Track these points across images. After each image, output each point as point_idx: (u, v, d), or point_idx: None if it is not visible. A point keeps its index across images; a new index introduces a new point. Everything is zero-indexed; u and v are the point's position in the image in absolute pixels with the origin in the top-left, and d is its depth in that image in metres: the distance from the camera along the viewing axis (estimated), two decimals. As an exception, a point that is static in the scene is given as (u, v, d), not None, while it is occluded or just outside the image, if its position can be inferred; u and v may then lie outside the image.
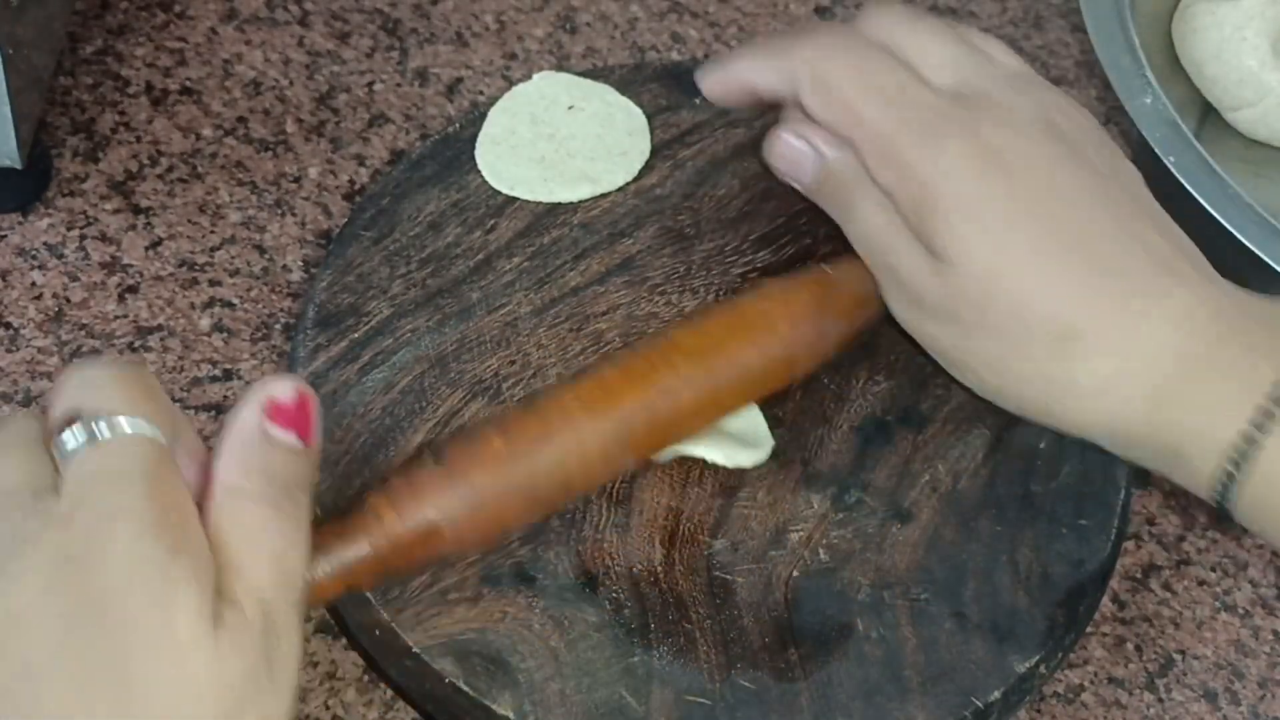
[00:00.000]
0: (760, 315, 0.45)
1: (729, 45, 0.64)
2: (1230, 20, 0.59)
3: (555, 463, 0.41)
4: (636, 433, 0.42)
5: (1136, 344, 0.41)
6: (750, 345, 0.44)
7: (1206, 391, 0.40)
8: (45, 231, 0.55)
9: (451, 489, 0.40)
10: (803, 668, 0.42)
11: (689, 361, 0.43)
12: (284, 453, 0.35)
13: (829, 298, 0.46)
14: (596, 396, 0.42)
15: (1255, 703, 0.48)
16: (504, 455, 0.40)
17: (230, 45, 0.61)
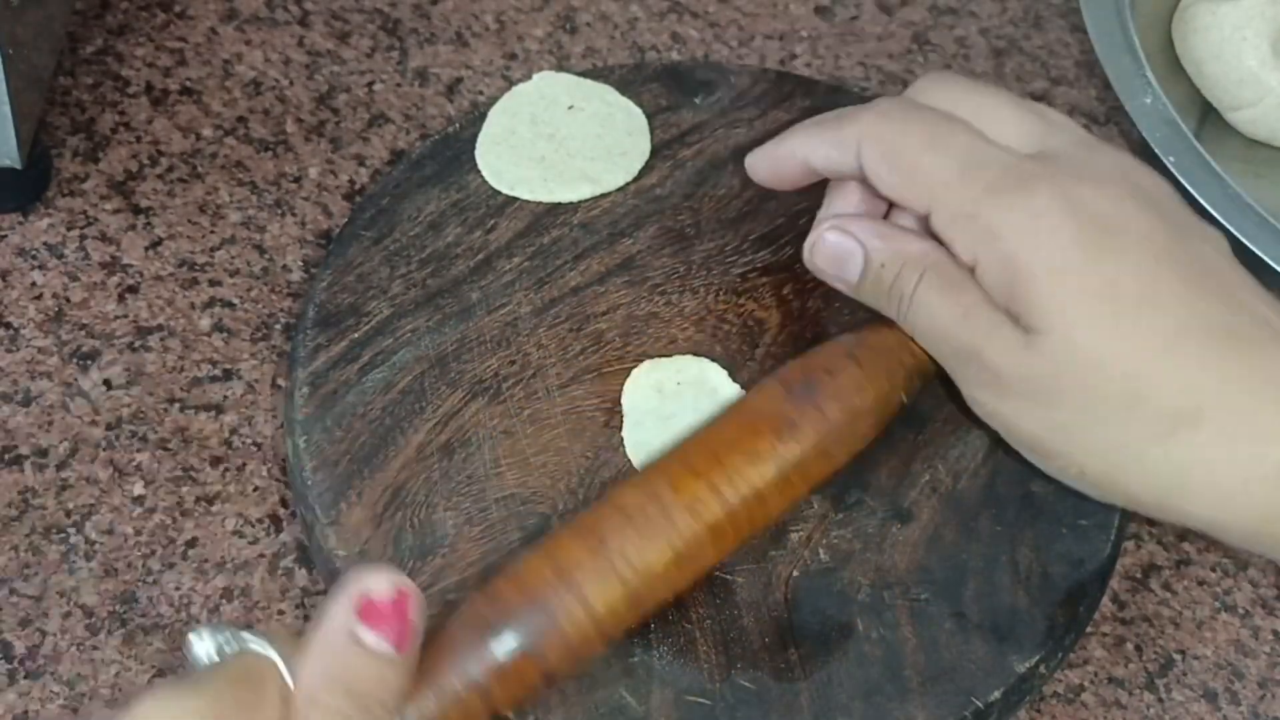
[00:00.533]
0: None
1: (729, 45, 0.64)
2: (1230, 20, 0.59)
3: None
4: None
5: (1259, 413, 0.38)
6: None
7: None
8: (45, 231, 0.55)
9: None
10: (803, 668, 0.42)
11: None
12: (372, 661, 0.32)
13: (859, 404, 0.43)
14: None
15: (1255, 703, 0.48)
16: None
17: (230, 45, 0.61)
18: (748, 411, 0.42)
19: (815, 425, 0.41)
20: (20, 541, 0.47)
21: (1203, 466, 0.38)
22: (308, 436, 0.46)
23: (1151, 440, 0.38)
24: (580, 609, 0.37)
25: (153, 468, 0.49)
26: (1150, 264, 0.39)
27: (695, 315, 0.50)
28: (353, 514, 0.44)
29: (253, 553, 0.48)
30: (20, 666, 0.45)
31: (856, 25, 0.66)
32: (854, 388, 0.42)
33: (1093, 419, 0.39)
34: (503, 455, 0.46)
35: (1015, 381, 0.40)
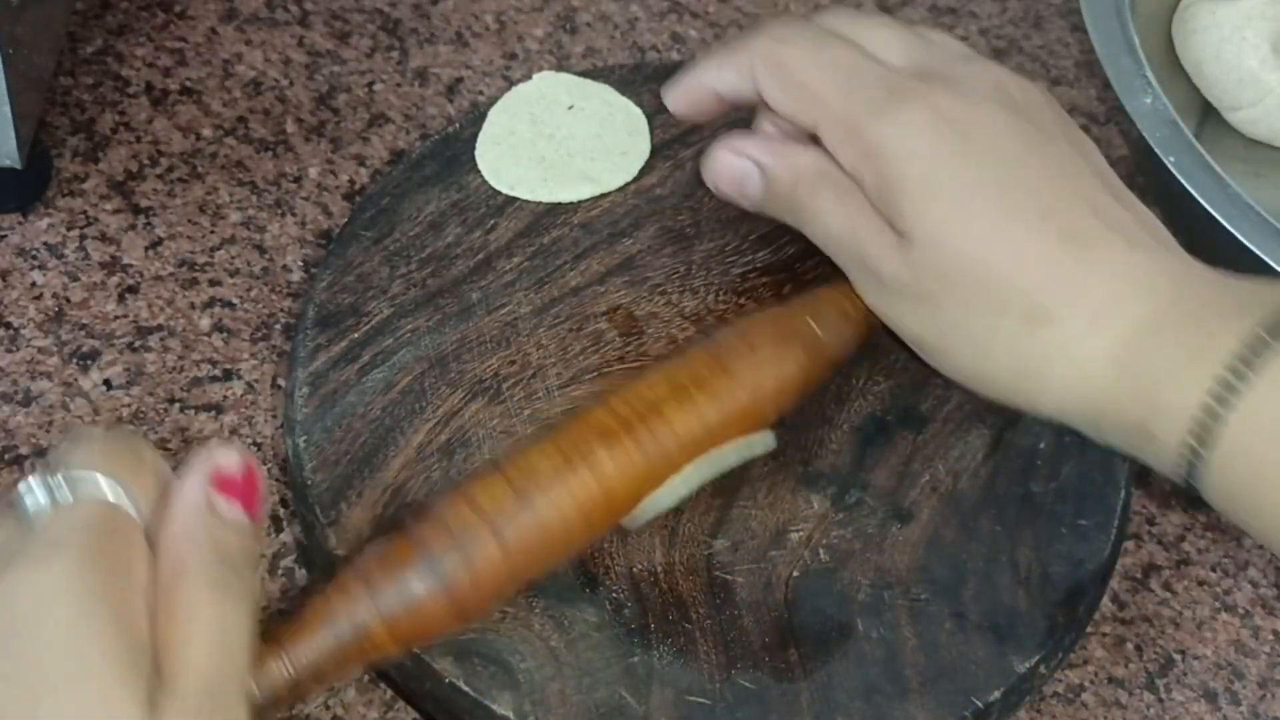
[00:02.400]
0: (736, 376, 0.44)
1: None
2: (1230, 20, 0.59)
3: (539, 528, 0.40)
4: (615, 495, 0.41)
5: (1099, 311, 0.40)
6: (723, 407, 0.43)
7: (1166, 359, 0.39)
8: (45, 231, 0.55)
9: (430, 558, 0.38)
10: (803, 668, 0.42)
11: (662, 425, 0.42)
12: (230, 527, 0.34)
13: (811, 345, 0.45)
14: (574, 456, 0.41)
15: (1255, 703, 0.48)
16: (478, 522, 0.39)
17: (230, 45, 0.61)
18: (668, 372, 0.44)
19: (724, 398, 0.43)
20: (20, 541, 0.47)
21: (1048, 360, 0.41)
22: (308, 436, 0.46)
23: (1006, 332, 0.41)
24: (494, 543, 0.39)
25: (153, 468, 0.49)
26: (1009, 169, 0.42)
27: (695, 315, 0.50)
28: (353, 514, 0.44)
29: (253, 553, 0.48)
30: (20, 666, 0.45)
31: (856, 25, 0.66)
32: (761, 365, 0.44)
33: (956, 315, 0.42)
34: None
35: (894, 283, 0.43)
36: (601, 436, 0.41)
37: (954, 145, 0.42)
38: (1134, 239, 0.41)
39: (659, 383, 0.43)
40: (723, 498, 0.45)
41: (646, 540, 0.44)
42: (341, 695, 0.45)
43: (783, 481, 0.46)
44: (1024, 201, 0.41)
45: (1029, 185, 0.42)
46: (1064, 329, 0.41)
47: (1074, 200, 0.42)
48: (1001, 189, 0.42)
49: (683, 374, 0.43)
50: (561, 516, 0.40)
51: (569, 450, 0.41)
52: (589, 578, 0.43)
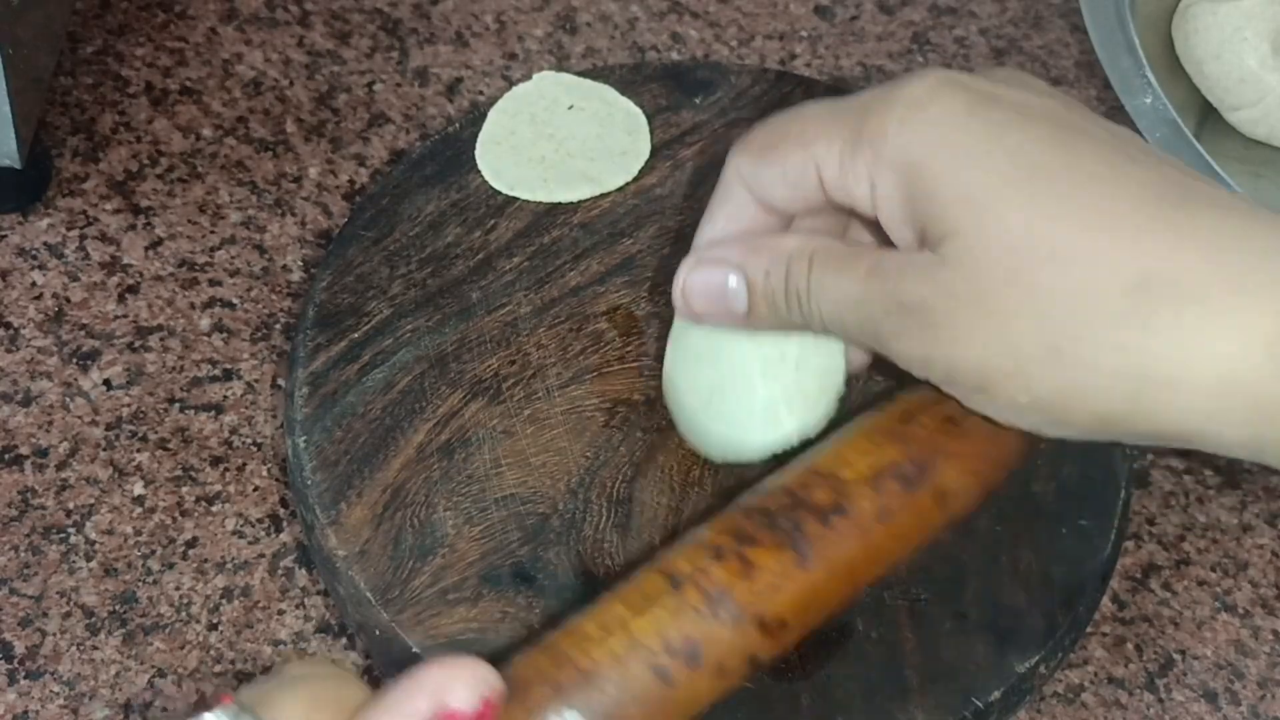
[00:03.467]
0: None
1: (729, 45, 0.64)
2: (1230, 20, 0.59)
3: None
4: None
5: (1244, 282, 0.30)
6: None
7: None
8: (45, 231, 0.55)
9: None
10: (803, 668, 0.42)
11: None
12: None
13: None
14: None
15: (1255, 703, 0.48)
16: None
17: (230, 45, 0.61)
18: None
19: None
20: (20, 541, 0.47)
21: (1172, 350, 0.31)
22: (308, 436, 0.46)
23: (1108, 329, 0.31)
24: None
25: (153, 468, 0.49)
26: (1061, 137, 0.33)
27: (695, 315, 0.50)
28: (353, 514, 0.44)
29: (253, 553, 0.48)
30: (20, 666, 0.45)
31: (856, 25, 0.66)
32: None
33: (1029, 318, 0.32)
34: (503, 455, 0.46)
35: (940, 306, 0.33)
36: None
37: (982, 110, 0.33)
38: (1234, 201, 0.32)
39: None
40: (722, 498, 0.45)
41: (646, 540, 0.44)
42: (341, 695, 0.45)
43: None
44: (1095, 167, 0.32)
45: (1092, 151, 0.33)
46: (1179, 309, 0.31)
47: (1146, 165, 0.33)
48: (1061, 158, 0.33)
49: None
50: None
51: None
52: (589, 578, 0.43)
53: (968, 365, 0.34)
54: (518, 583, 0.43)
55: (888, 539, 0.37)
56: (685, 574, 0.35)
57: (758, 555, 0.36)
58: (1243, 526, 0.52)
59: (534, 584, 0.43)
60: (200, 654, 0.46)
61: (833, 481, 0.37)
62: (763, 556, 0.36)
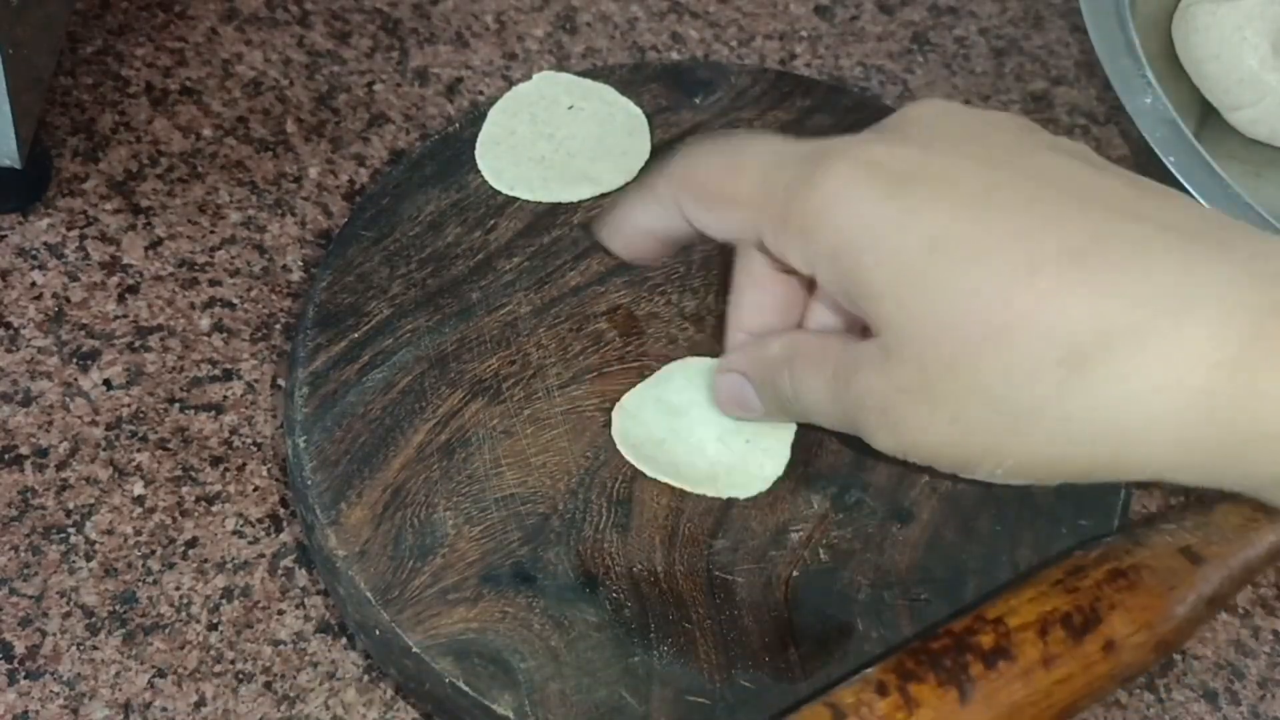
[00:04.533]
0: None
1: (729, 45, 0.64)
2: (1230, 20, 0.59)
3: None
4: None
5: (1176, 327, 0.31)
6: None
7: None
8: (45, 231, 0.55)
9: None
10: (803, 668, 0.42)
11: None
12: None
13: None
14: None
15: (1255, 703, 0.48)
16: None
17: (230, 45, 0.61)
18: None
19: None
20: (20, 541, 0.47)
21: (1117, 406, 0.32)
22: (308, 436, 0.46)
23: (1052, 399, 0.32)
24: None
25: (153, 468, 0.49)
26: (972, 205, 0.33)
27: (695, 315, 0.50)
28: (353, 514, 0.44)
29: (253, 553, 0.48)
30: (20, 666, 0.45)
31: (856, 25, 0.66)
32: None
33: (980, 400, 0.33)
34: (503, 455, 0.46)
35: (894, 403, 0.35)
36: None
37: (892, 192, 0.34)
38: (1169, 224, 0.33)
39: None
40: (723, 498, 0.45)
41: (646, 540, 0.44)
42: (341, 695, 0.45)
43: (783, 481, 0.46)
44: (1013, 228, 0.33)
45: (1008, 209, 0.33)
46: (1113, 364, 0.32)
47: (1067, 210, 0.33)
48: (977, 224, 0.33)
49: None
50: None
51: None
52: (589, 578, 0.43)
53: (939, 452, 0.35)
54: (518, 583, 0.43)
55: (1053, 685, 0.37)
56: (849, 705, 0.36)
57: (921, 692, 0.37)
58: None
59: (534, 584, 0.43)
60: (200, 654, 0.46)
61: (999, 627, 0.38)
62: (925, 693, 0.37)
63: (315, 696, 0.45)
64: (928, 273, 0.33)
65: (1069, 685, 0.37)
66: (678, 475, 0.45)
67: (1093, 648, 0.38)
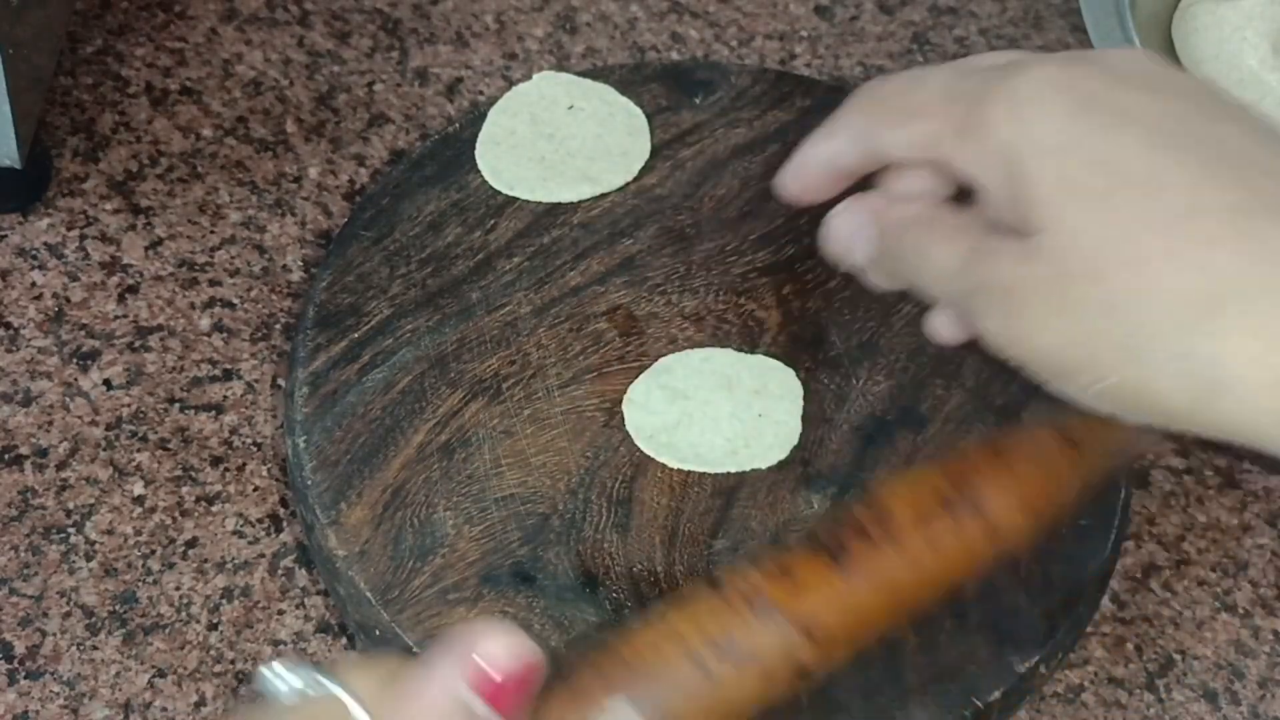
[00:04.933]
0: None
1: (729, 45, 0.64)
2: (1230, 20, 0.59)
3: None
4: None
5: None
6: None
7: None
8: (45, 231, 0.55)
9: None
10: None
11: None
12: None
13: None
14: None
15: (1255, 703, 0.48)
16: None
17: (230, 45, 0.61)
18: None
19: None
20: (20, 541, 0.47)
21: (1231, 359, 0.33)
22: (308, 436, 0.46)
23: (1176, 333, 0.34)
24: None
25: (153, 468, 0.49)
26: (1151, 143, 0.35)
27: (695, 315, 0.50)
28: (353, 514, 0.44)
29: (253, 553, 0.48)
30: (20, 666, 0.45)
31: (856, 25, 0.66)
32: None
33: (1104, 315, 0.35)
34: (503, 455, 0.46)
35: (1025, 293, 0.36)
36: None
37: (1087, 115, 0.36)
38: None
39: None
40: (722, 498, 0.45)
41: (646, 540, 0.44)
42: (341, 695, 0.45)
43: (782, 481, 0.46)
44: (1182, 176, 0.35)
45: (1185, 158, 0.35)
46: (1245, 318, 0.33)
47: (1244, 173, 0.35)
48: (1144, 163, 0.35)
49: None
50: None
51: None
52: (589, 578, 0.43)
53: (1046, 351, 0.36)
54: (518, 583, 0.43)
55: (932, 559, 0.38)
56: (725, 579, 0.37)
57: (795, 563, 0.38)
58: (1243, 526, 0.52)
59: (534, 584, 0.43)
60: (200, 654, 0.46)
61: (875, 504, 0.38)
62: (800, 565, 0.38)
63: (315, 696, 0.45)
64: (1096, 190, 0.35)
65: (949, 561, 0.38)
66: (699, 459, 0.46)
67: (971, 525, 0.39)
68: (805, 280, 0.50)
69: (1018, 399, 0.48)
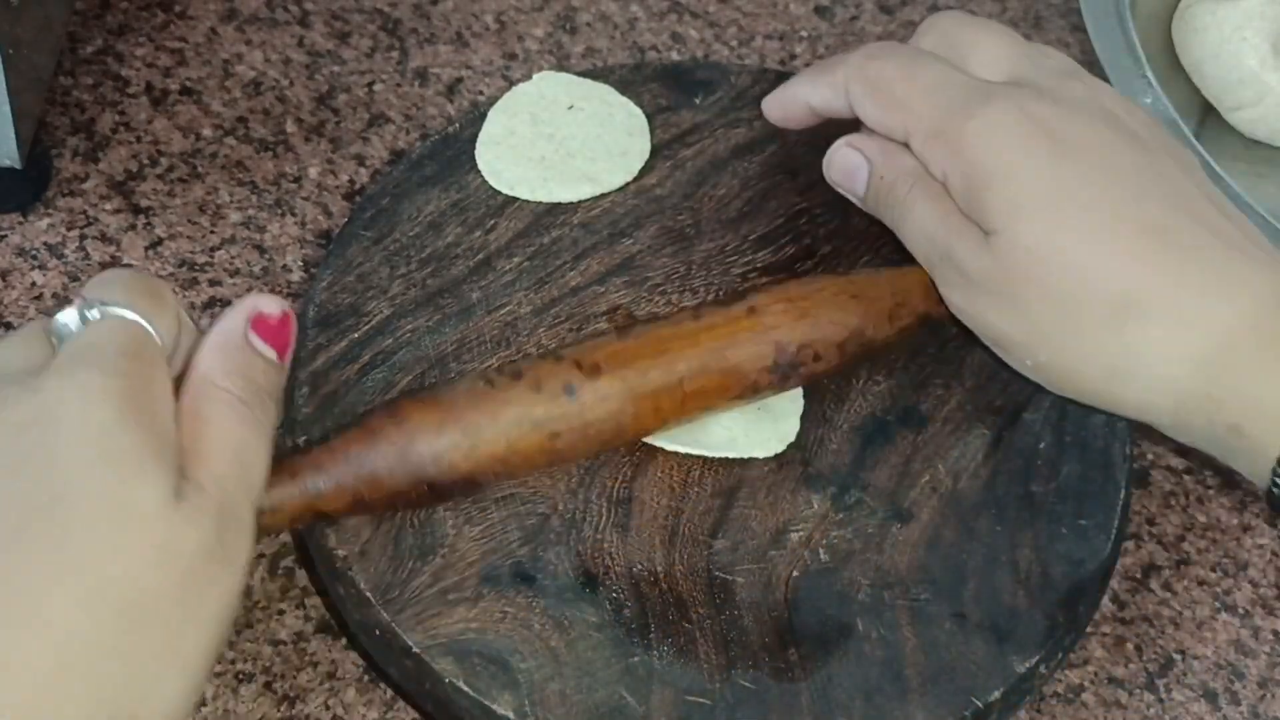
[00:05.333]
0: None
1: (729, 45, 0.64)
2: (1230, 20, 0.59)
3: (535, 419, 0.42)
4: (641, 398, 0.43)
5: (1195, 312, 0.41)
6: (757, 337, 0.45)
7: (1263, 359, 0.40)
8: (45, 231, 0.55)
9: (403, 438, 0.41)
10: (803, 668, 0.42)
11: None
12: (262, 362, 0.38)
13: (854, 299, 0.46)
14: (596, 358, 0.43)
15: (1255, 703, 0.48)
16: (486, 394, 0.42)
17: (230, 45, 0.61)
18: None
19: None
20: (20, 541, 0.47)
21: (1135, 353, 0.41)
22: (308, 436, 0.46)
23: (1093, 329, 0.42)
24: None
25: (153, 468, 0.49)
26: (1099, 171, 0.43)
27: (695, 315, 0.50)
28: (353, 514, 0.44)
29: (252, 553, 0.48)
30: (20, 666, 0.45)
31: (856, 25, 0.66)
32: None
33: (1041, 310, 0.42)
34: (503, 455, 0.46)
35: (979, 279, 0.43)
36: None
37: (1040, 145, 0.43)
38: (1232, 242, 0.42)
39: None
40: (722, 498, 0.45)
41: (646, 540, 0.44)
42: (341, 695, 0.45)
43: (783, 481, 0.46)
44: (1112, 200, 0.42)
45: (1118, 186, 0.42)
46: (1153, 325, 0.41)
47: (1168, 203, 0.42)
48: (1088, 187, 0.42)
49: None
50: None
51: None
52: (589, 578, 0.43)
53: (992, 328, 0.44)
54: (518, 583, 0.43)
55: (701, 333, 0.44)
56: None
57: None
58: (1243, 526, 0.52)
59: (534, 584, 0.43)
60: (200, 654, 0.46)
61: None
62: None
63: (315, 696, 0.45)
64: (1040, 207, 0.42)
65: (714, 333, 0.44)
66: (696, 443, 0.46)
67: (739, 313, 0.45)
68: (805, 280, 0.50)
69: (1018, 399, 0.48)
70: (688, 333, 0.44)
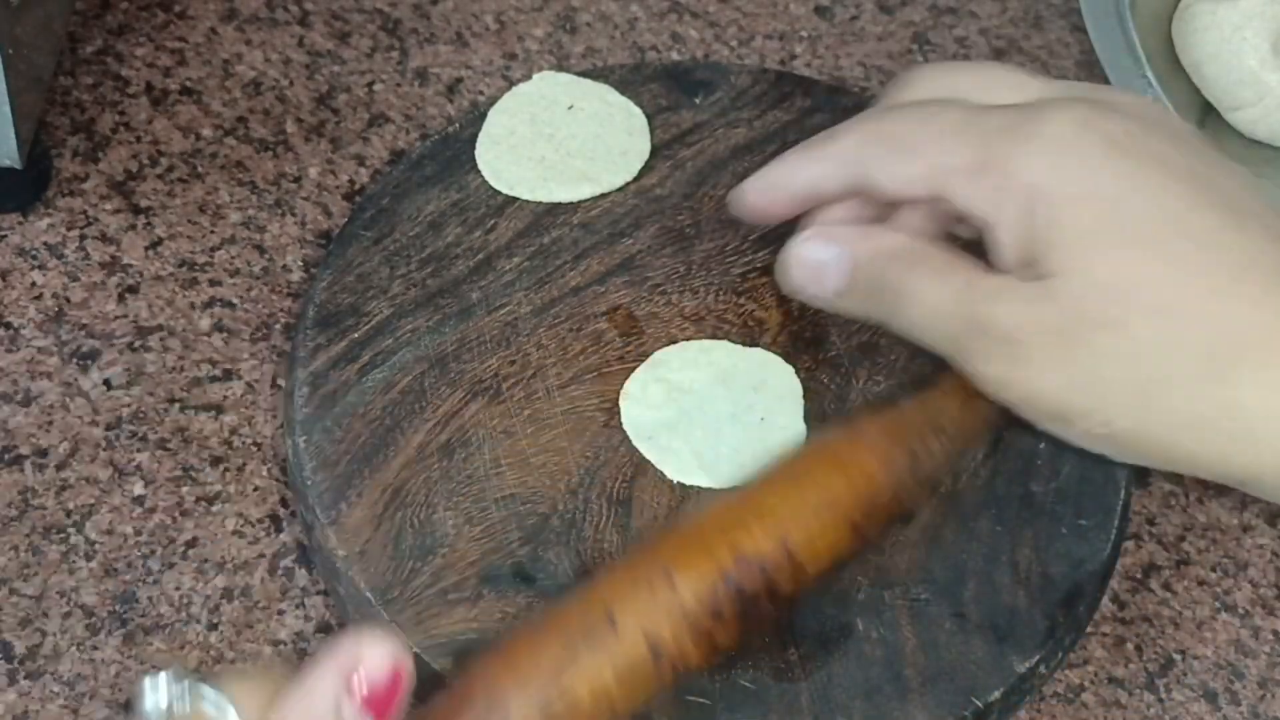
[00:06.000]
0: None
1: (729, 45, 0.64)
2: (1230, 20, 0.59)
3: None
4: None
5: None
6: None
7: None
8: (45, 231, 0.55)
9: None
10: (803, 668, 0.42)
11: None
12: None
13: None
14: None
15: (1255, 703, 0.48)
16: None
17: (230, 45, 0.61)
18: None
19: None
20: (20, 541, 0.47)
21: (1246, 411, 0.34)
22: (308, 436, 0.46)
23: (1187, 381, 0.35)
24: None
25: (153, 468, 0.49)
26: (1178, 193, 0.36)
27: (695, 315, 0.50)
28: (353, 514, 0.44)
29: (253, 553, 0.48)
30: (20, 666, 0.45)
31: (856, 25, 0.66)
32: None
33: (1120, 362, 0.35)
34: (503, 455, 0.46)
35: (1031, 338, 0.36)
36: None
37: (1110, 159, 0.36)
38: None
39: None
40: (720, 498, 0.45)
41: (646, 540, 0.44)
42: (341, 695, 0.45)
43: (783, 481, 0.46)
44: (1207, 226, 0.35)
45: (1213, 211, 0.36)
46: (1265, 371, 0.34)
47: (1262, 232, 0.36)
48: (1173, 213, 0.35)
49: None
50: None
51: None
52: (589, 578, 0.43)
53: (1049, 395, 0.36)
54: (518, 583, 0.43)
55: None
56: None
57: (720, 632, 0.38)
58: (1243, 526, 0.52)
59: (534, 584, 0.43)
60: (200, 654, 0.46)
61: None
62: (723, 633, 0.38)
63: (315, 696, 0.45)
64: (1121, 237, 0.35)
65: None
66: (702, 469, 0.45)
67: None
68: (805, 280, 0.50)
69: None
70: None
